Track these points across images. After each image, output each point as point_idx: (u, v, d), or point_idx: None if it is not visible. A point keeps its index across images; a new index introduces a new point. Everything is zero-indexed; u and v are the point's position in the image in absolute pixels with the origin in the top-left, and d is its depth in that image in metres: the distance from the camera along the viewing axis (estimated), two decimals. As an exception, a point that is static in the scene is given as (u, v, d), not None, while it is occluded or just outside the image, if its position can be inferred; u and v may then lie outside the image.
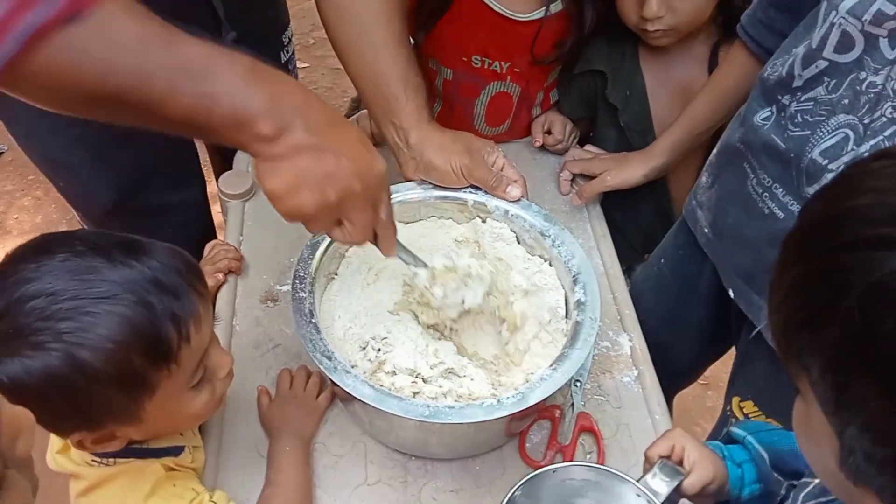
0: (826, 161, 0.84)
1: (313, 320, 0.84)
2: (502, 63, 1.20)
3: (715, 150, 1.08)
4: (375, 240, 0.84)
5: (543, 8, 1.13)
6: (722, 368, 1.38)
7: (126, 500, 0.72)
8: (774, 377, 1.01)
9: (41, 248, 0.63)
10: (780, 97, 0.90)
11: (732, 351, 1.21)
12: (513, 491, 0.72)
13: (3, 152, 2.54)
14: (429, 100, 1.03)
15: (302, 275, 0.89)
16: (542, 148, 1.33)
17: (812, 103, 0.85)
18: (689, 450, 0.78)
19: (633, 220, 1.38)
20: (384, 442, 0.92)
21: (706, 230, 1.09)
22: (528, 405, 0.78)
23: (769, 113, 0.92)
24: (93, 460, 0.73)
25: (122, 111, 0.67)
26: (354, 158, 0.74)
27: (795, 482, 0.76)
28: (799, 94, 0.87)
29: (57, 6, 0.55)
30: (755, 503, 0.79)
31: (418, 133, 0.98)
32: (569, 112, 1.34)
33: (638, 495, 0.75)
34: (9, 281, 0.61)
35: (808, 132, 0.86)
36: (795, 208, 0.89)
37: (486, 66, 1.21)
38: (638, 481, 0.76)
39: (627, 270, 1.58)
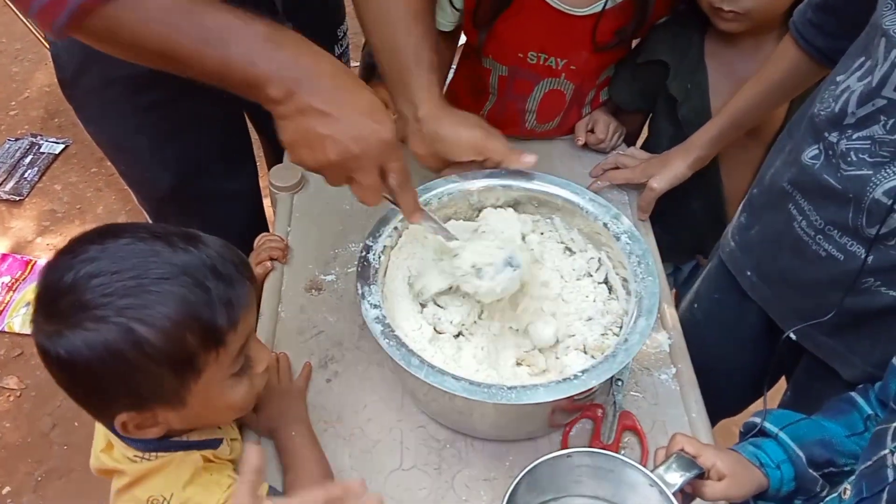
0: (891, 201, 0.81)
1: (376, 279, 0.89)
2: (559, 59, 1.20)
3: (755, 190, 1.05)
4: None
5: (602, 1, 1.12)
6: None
7: (167, 490, 0.74)
8: None
9: (106, 232, 0.68)
10: (826, 135, 0.87)
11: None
12: (525, 471, 0.75)
13: (68, 146, 2.66)
14: (442, 78, 1.04)
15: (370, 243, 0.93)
16: (586, 146, 1.33)
17: (869, 142, 0.82)
18: (720, 467, 0.78)
19: (684, 220, 1.36)
20: (427, 412, 0.95)
21: (749, 273, 1.06)
22: (567, 395, 0.78)
23: (816, 151, 0.90)
24: (135, 455, 0.74)
25: (169, 67, 0.77)
26: (355, 124, 0.79)
27: (834, 468, 0.76)
28: (850, 131, 0.84)
29: None
30: (790, 496, 0.79)
31: (428, 107, 0.99)
32: (627, 103, 1.32)
33: (651, 486, 0.75)
34: (75, 259, 0.65)
35: (870, 172, 0.82)
36: (856, 249, 0.87)
37: (541, 62, 1.21)
38: (652, 472, 0.76)
39: (674, 272, 1.57)
